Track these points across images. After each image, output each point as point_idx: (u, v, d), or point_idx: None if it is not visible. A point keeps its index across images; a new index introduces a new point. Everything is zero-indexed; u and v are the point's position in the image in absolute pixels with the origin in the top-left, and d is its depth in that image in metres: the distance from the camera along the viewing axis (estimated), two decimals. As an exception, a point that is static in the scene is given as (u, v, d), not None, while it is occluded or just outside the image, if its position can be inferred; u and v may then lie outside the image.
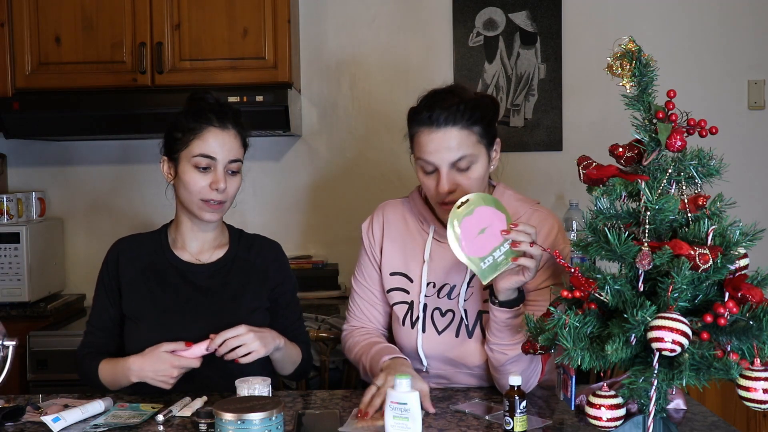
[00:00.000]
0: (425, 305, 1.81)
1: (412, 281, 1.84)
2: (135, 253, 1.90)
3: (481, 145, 1.74)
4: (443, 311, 1.80)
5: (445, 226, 1.80)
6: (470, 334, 1.77)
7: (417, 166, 1.77)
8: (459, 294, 1.79)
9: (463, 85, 1.85)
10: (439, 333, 1.79)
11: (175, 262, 1.89)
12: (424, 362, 1.81)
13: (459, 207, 1.58)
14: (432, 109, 1.71)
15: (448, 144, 1.69)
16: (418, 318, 1.81)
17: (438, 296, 1.81)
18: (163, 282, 1.86)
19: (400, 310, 1.85)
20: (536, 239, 1.58)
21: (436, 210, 1.81)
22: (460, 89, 1.77)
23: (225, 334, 1.68)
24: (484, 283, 1.58)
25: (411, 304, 1.84)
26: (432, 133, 1.71)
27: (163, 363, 1.67)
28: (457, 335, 1.78)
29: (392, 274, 1.87)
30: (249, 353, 1.68)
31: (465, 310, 1.78)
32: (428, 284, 1.82)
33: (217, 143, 1.80)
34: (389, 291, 1.88)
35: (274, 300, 1.93)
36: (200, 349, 1.68)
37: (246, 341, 1.68)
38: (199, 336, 1.78)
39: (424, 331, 1.80)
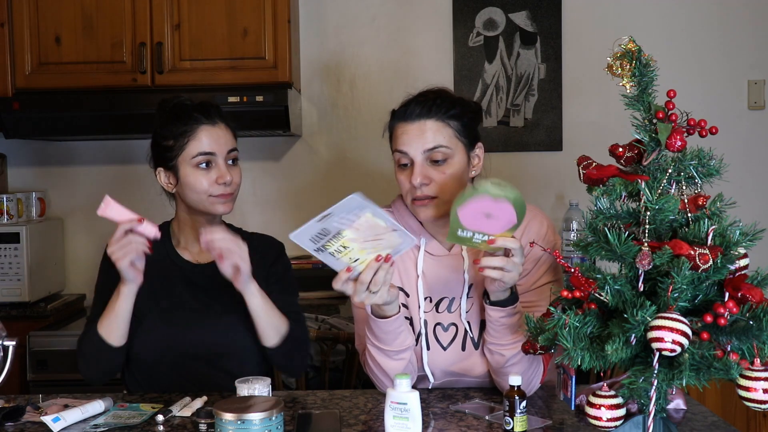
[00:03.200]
0: (425, 321, 1.77)
1: (408, 296, 1.79)
2: None
3: (459, 142, 1.73)
4: (445, 326, 1.76)
5: (434, 237, 1.79)
6: (476, 346, 1.74)
7: (395, 164, 1.77)
8: (459, 306, 1.76)
9: (450, 89, 1.85)
10: (445, 349, 1.75)
11: (177, 260, 1.90)
12: (431, 378, 1.78)
13: (493, 184, 1.50)
14: (408, 104, 1.75)
15: (422, 135, 1.70)
16: (420, 335, 1.76)
17: (437, 311, 1.77)
18: (165, 280, 1.87)
19: None
20: (521, 257, 1.54)
21: (410, 208, 1.76)
22: (443, 90, 1.79)
23: (218, 233, 1.70)
24: (447, 240, 1.59)
25: (410, 320, 1.78)
26: (407, 125, 1.73)
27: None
28: (463, 348, 1.75)
29: None
30: (234, 261, 1.69)
31: (468, 322, 1.75)
32: (425, 299, 1.78)
33: (212, 138, 1.82)
34: None
35: (267, 279, 1.89)
36: (149, 229, 1.69)
37: (237, 248, 1.70)
38: (203, 338, 1.81)
39: (428, 348, 1.75)
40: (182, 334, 1.82)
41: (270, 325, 1.80)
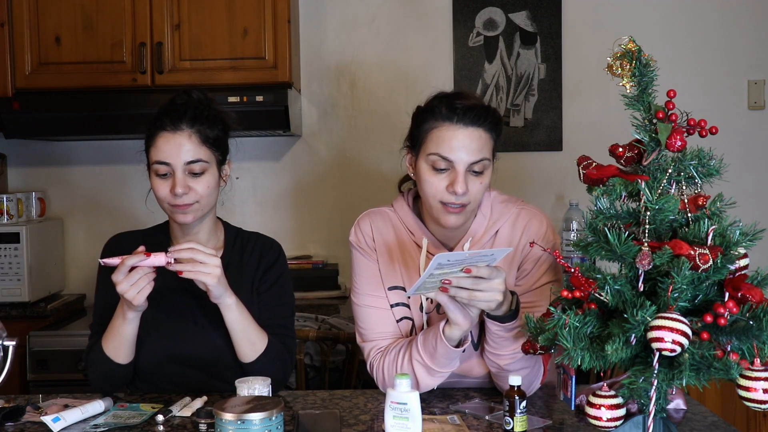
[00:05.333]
0: (427, 321, 1.76)
1: (409, 297, 1.78)
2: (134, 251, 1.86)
3: (491, 154, 1.71)
4: None
5: (437, 238, 1.79)
6: (476, 347, 1.74)
7: (424, 163, 1.69)
8: None
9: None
10: None
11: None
12: None
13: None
14: (458, 106, 1.66)
15: (472, 144, 1.65)
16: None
17: (438, 312, 1.76)
18: (163, 289, 1.78)
19: (404, 327, 1.80)
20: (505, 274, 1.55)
21: (432, 211, 1.72)
22: (474, 93, 1.74)
23: (185, 245, 1.67)
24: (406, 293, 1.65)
25: (412, 320, 1.79)
26: (458, 130, 1.65)
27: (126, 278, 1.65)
28: (463, 350, 1.76)
29: (391, 288, 1.80)
30: (204, 272, 1.65)
31: None
32: (426, 299, 1.77)
33: (168, 148, 1.75)
34: (391, 306, 1.80)
35: (260, 284, 1.87)
36: (159, 259, 1.65)
37: (206, 261, 1.65)
38: (202, 348, 1.79)
39: None
40: (180, 345, 1.80)
41: (246, 340, 1.75)
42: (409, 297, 1.77)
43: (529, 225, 1.76)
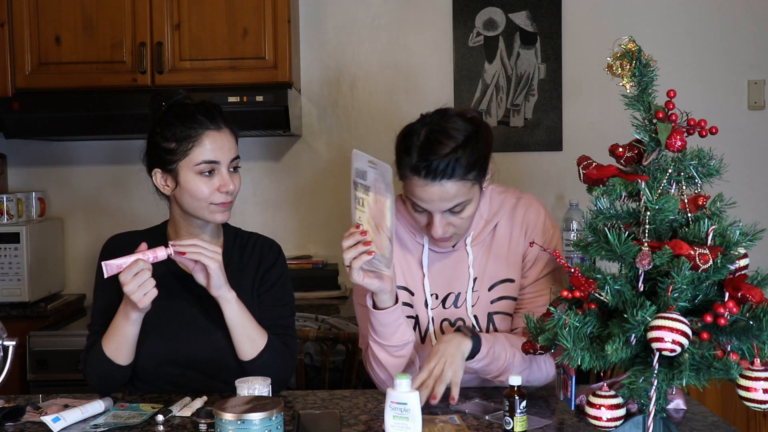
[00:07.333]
0: (432, 318, 1.77)
1: (413, 294, 1.79)
2: (133, 251, 1.86)
3: (475, 184, 1.66)
4: (453, 321, 1.77)
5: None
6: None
7: (407, 199, 1.70)
8: (465, 301, 1.76)
9: (451, 109, 1.67)
10: None
11: (174, 269, 1.85)
12: None
13: None
14: (427, 160, 1.60)
15: (444, 195, 1.62)
16: (428, 331, 1.77)
17: (443, 307, 1.77)
18: (163, 290, 1.76)
19: None
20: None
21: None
22: (451, 124, 1.63)
23: (189, 240, 1.70)
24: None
25: (417, 318, 1.80)
26: (427, 186, 1.61)
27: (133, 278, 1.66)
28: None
29: None
30: (206, 255, 1.68)
31: (475, 316, 1.76)
32: (431, 295, 1.78)
33: (217, 146, 1.76)
34: None
35: (260, 284, 1.87)
36: (161, 253, 1.68)
37: (204, 252, 1.67)
38: (202, 350, 1.79)
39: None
40: (180, 346, 1.80)
41: (245, 336, 1.75)
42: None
43: (526, 215, 1.78)
